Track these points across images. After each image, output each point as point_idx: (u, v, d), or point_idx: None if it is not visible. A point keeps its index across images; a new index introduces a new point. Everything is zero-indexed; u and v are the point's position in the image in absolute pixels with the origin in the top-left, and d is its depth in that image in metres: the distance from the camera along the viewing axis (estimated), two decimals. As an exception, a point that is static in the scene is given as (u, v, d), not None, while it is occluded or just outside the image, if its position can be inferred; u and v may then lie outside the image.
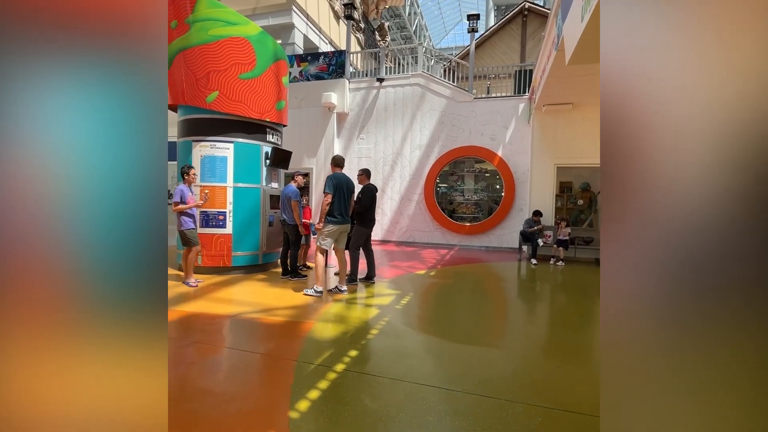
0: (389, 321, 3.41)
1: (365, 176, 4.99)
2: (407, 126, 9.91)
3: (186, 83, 5.12)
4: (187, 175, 4.63)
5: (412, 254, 8.07)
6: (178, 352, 2.62)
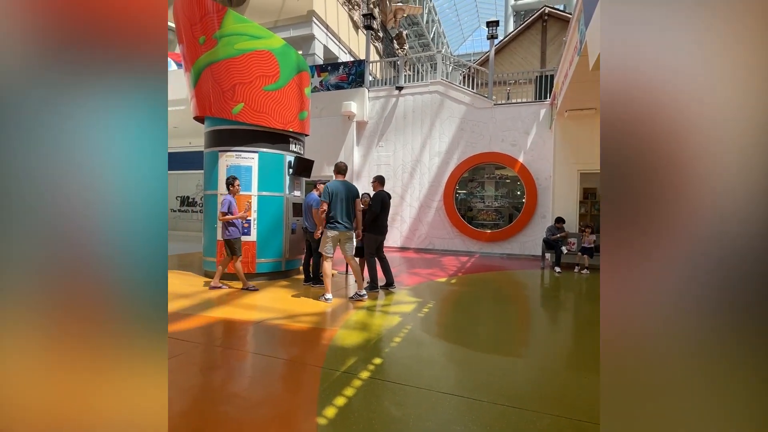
0: (412, 329, 3.41)
1: (378, 183, 5.00)
2: (426, 133, 9.94)
3: (213, 95, 5.32)
4: (232, 186, 4.77)
5: (432, 261, 8.03)
6: (206, 357, 2.70)
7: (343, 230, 4.30)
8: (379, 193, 4.89)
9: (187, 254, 8.24)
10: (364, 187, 10.17)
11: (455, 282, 5.84)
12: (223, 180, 5.37)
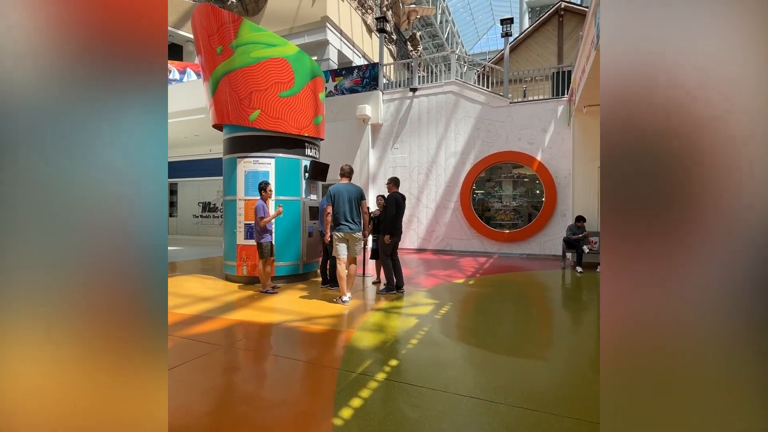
0: (429, 331, 3.40)
1: (393, 184, 5.01)
2: (441, 134, 9.90)
3: (230, 103, 5.46)
4: (264, 191, 4.89)
5: (450, 263, 7.97)
6: (226, 359, 2.77)
7: (347, 231, 4.35)
8: (392, 194, 4.89)
9: (209, 258, 8.45)
10: (381, 190, 10.20)
11: (473, 283, 5.77)
12: (241, 186, 5.50)
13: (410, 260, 8.30)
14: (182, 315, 3.87)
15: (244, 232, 5.51)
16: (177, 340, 3.11)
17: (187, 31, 14.30)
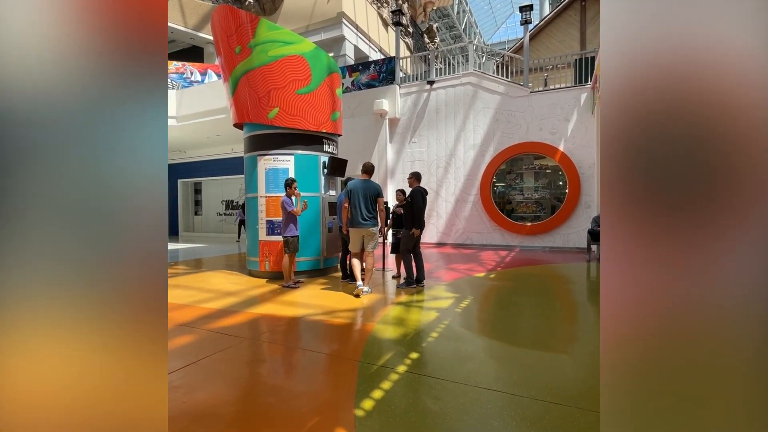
0: (449, 324, 3.38)
1: (414, 179, 5.02)
2: (460, 126, 9.77)
3: (250, 102, 5.56)
4: (289, 187, 5.00)
5: (470, 256, 7.90)
6: (251, 351, 2.85)
7: (360, 227, 4.47)
8: (415, 189, 4.89)
9: (233, 255, 8.68)
10: (399, 184, 10.18)
11: (494, 277, 5.70)
12: (262, 183, 5.60)
13: (430, 254, 8.26)
14: (208, 309, 4.00)
15: (266, 228, 5.62)
16: (204, 333, 3.22)
17: (207, 33, 14.61)
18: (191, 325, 3.46)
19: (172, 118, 11.08)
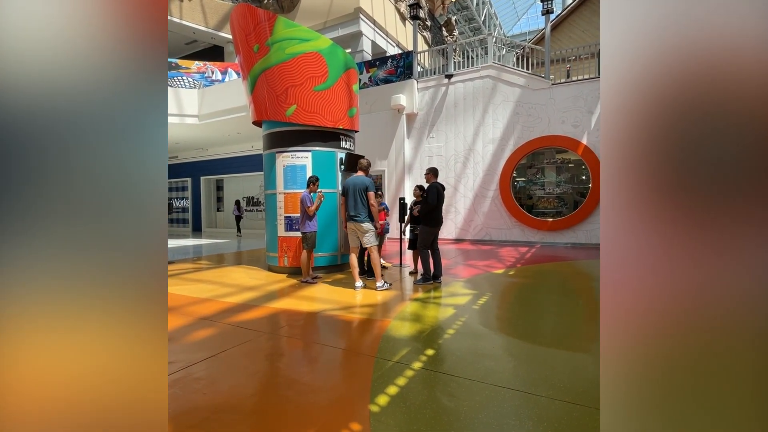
0: (466, 321, 3.35)
1: (431, 174, 4.99)
2: (479, 120, 9.61)
3: (268, 100, 5.63)
4: (313, 184, 5.09)
5: (489, 253, 7.79)
6: (270, 345, 2.90)
7: (352, 222, 4.62)
8: (433, 184, 4.85)
9: (253, 250, 8.86)
10: (417, 180, 10.13)
11: (514, 273, 5.61)
12: (281, 180, 5.68)
13: (448, 250, 8.20)
14: (229, 303, 4.10)
15: (284, 224, 5.70)
16: (224, 327, 3.30)
17: (227, 33, 14.87)
18: (212, 318, 3.56)
19: (193, 117, 11.36)
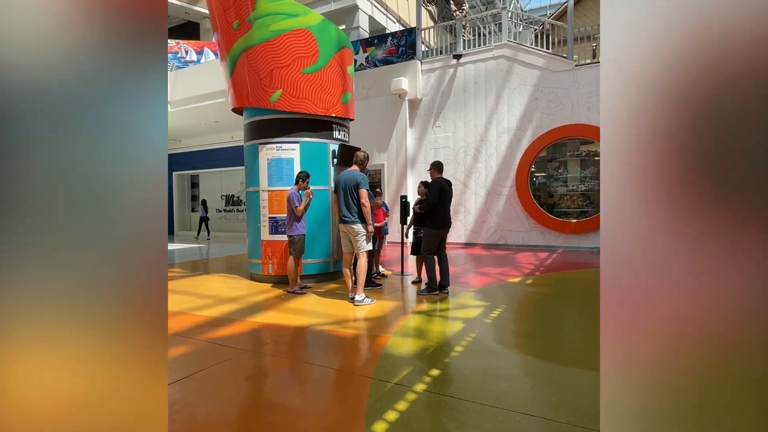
0: (477, 337, 3.36)
1: (435, 170, 5.02)
2: (492, 107, 9.63)
3: (250, 84, 5.64)
4: (302, 181, 5.12)
5: (504, 259, 7.81)
6: (250, 364, 2.91)
7: (343, 223, 4.61)
8: (436, 180, 4.86)
9: (234, 257, 8.87)
10: (421, 176, 10.15)
11: (531, 282, 5.62)
12: (264, 175, 5.69)
13: (457, 256, 8.22)
14: (205, 317, 4.10)
15: (268, 227, 5.71)
16: (199, 344, 3.31)
17: (203, 7, 14.90)
18: (186, 334, 3.56)
19: (165, 104, 11.36)
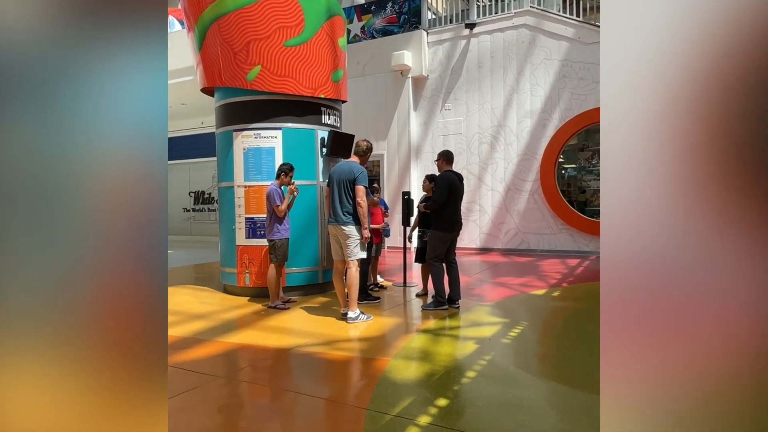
0: (493, 360, 3.37)
1: (444, 160, 5.02)
2: (511, 86, 9.64)
3: (222, 59, 5.65)
4: (285, 175, 5.13)
5: (527, 267, 7.82)
6: (223, 393, 2.92)
7: (332, 223, 4.61)
8: (445, 174, 4.86)
9: (204, 265, 8.88)
10: (427, 167, 10.16)
11: (559, 295, 5.64)
12: (240, 168, 5.69)
13: (470, 264, 8.23)
14: (170, 337, 4.11)
15: (245, 229, 5.71)
16: (163, 369, 3.32)
17: (168, -32, 14.90)
18: (146, 358, 3.57)
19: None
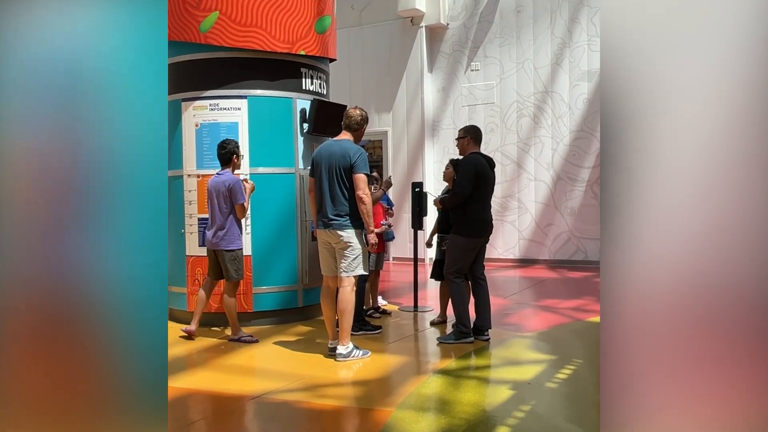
0: (534, 410, 3.37)
1: (469, 139, 4.98)
2: (561, 39, 9.64)
3: (170, 4, 5.67)
4: (236, 157, 5.07)
5: (582, 284, 7.83)
6: (169, 455, 2.94)
7: (321, 227, 4.42)
8: (471, 158, 4.84)
9: (143, 283, 8.92)
10: (447, 149, 10.14)
11: (625, 322, 5.64)
12: (191, 150, 5.70)
13: (504, 280, 8.23)
14: (95, 380, 4.13)
15: (197, 235, 5.71)
16: (85, 423, 3.35)
17: None
18: (64, 408, 3.60)
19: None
